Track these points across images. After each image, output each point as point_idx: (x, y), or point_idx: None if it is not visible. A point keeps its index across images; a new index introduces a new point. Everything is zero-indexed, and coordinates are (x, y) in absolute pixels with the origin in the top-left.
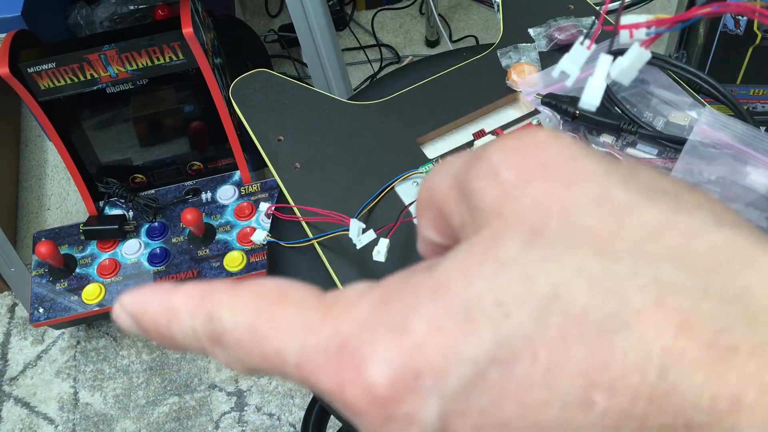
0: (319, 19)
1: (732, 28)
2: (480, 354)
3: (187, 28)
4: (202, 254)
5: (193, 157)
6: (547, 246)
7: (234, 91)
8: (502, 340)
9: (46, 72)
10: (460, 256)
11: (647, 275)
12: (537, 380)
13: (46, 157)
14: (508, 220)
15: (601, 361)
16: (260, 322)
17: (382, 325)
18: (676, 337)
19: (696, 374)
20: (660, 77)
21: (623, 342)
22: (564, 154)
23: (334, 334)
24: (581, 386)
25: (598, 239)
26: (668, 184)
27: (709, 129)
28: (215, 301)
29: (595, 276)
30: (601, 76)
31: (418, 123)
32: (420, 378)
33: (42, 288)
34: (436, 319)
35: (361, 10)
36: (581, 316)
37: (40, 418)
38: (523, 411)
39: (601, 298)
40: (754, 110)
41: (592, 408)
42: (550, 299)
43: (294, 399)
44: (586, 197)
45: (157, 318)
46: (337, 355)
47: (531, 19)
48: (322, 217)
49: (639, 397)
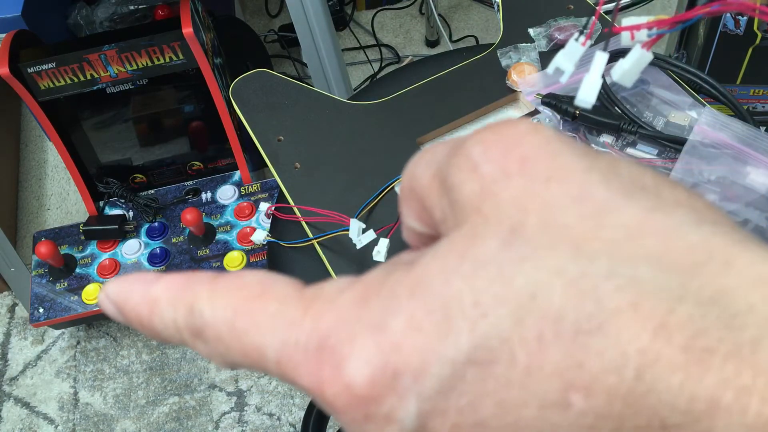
0: (319, 19)
1: (732, 28)
2: (458, 354)
3: (187, 28)
4: (202, 254)
5: (193, 157)
6: (525, 245)
7: (234, 91)
8: (480, 341)
9: (46, 72)
10: (440, 253)
11: (624, 276)
12: (514, 381)
13: (46, 157)
14: (487, 218)
15: (578, 362)
16: (240, 317)
17: (361, 323)
18: (652, 339)
19: (673, 376)
20: (660, 77)
21: (599, 343)
22: (544, 148)
23: (314, 330)
24: (558, 387)
25: (576, 239)
26: (649, 180)
27: (709, 129)
28: (196, 294)
29: (572, 277)
30: (596, 74)
31: (418, 123)
32: (398, 377)
33: (42, 288)
34: (414, 318)
35: (361, 10)
36: (558, 317)
37: (40, 418)
38: (501, 411)
39: (577, 299)
40: (754, 110)
41: (569, 409)
42: (527, 300)
43: (294, 399)
44: (566, 195)
45: (139, 308)
46: (316, 352)
47: (531, 19)
48: (322, 217)
49: (615, 398)
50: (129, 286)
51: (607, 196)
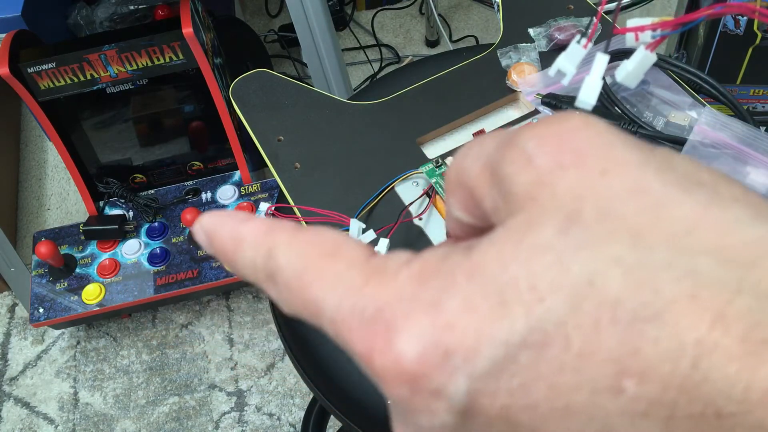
0: (319, 19)
1: (732, 28)
2: (512, 337)
3: (187, 28)
4: (202, 254)
5: (193, 157)
6: (582, 233)
7: (234, 91)
8: (535, 324)
9: (46, 72)
10: (496, 240)
11: (682, 267)
12: (568, 365)
13: (46, 157)
14: (543, 206)
15: (633, 349)
16: (308, 270)
17: (417, 301)
18: (710, 329)
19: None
20: (660, 77)
21: (656, 332)
22: (599, 141)
23: (372, 300)
24: (612, 372)
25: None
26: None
27: (709, 129)
28: (276, 240)
29: (630, 266)
30: (597, 75)
31: (418, 123)
32: (450, 356)
33: (42, 288)
34: (469, 300)
35: (361, 10)
36: (615, 304)
37: (40, 418)
38: (553, 394)
39: (635, 287)
40: (754, 110)
41: (621, 394)
42: (584, 286)
43: (294, 399)
44: (622, 187)
45: (225, 243)
46: (370, 321)
47: (531, 19)
48: (322, 217)
49: (670, 385)
50: (221, 220)
51: (663, 189)
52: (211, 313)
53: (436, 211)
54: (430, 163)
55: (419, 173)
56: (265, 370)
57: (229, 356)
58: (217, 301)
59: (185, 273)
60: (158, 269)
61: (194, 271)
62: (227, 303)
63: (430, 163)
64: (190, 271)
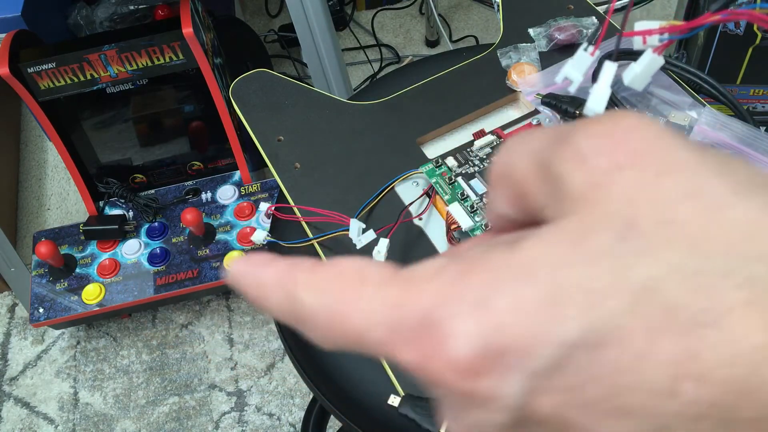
0: (319, 19)
1: (732, 28)
2: (567, 337)
3: (187, 28)
4: (202, 254)
5: (193, 157)
6: (640, 239)
7: (234, 91)
8: (592, 326)
9: (46, 72)
10: (548, 240)
11: (740, 274)
12: (625, 366)
13: (46, 157)
14: (599, 209)
15: (692, 353)
16: (339, 303)
17: (462, 300)
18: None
19: None
20: (660, 77)
21: (714, 337)
22: (656, 142)
23: (414, 309)
24: (669, 375)
25: (691, 235)
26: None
27: (709, 129)
28: (296, 282)
29: (689, 272)
30: (605, 83)
31: (418, 123)
32: (504, 355)
33: (42, 288)
34: (521, 299)
35: (361, 10)
36: (673, 310)
37: (40, 418)
38: (610, 394)
39: (694, 294)
40: (754, 110)
41: (678, 397)
42: (643, 291)
43: (294, 399)
44: (679, 190)
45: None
46: (418, 329)
47: (531, 19)
48: (322, 217)
49: (728, 390)
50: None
51: (720, 192)
52: (211, 313)
53: (436, 211)
54: (430, 163)
55: (419, 173)
56: (265, 370)
57: (229, 356)
58: (217, 301)
59: (185, 273)
60: (158, 269)
61: (194, 271)
62: (227, 303)
63: (430, 163)
64: (190, 271)
